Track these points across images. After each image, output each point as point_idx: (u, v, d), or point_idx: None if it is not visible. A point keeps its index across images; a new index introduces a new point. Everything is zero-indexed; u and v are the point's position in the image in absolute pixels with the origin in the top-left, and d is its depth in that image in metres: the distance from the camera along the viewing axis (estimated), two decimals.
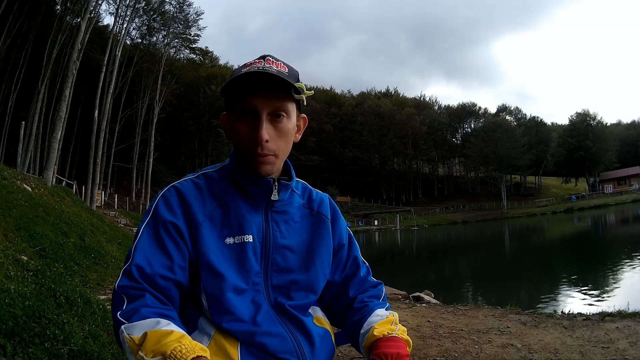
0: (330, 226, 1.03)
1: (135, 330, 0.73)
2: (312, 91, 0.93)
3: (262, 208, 0.93)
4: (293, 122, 0.92)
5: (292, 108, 0.91)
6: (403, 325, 0.94)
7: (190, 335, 0.82)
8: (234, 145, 0.92)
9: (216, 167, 0.99)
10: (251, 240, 0.89)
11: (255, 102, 0.86)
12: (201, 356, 0.69)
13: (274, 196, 0.92)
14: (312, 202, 1.04)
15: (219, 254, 0.87)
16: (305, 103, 0.93)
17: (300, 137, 0.99)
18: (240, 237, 0.89)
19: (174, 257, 0.84)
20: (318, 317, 0.98)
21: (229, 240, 0.88)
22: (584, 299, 7.50)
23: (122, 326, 0.75)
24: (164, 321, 0.75)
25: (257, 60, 0.89)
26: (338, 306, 1.04)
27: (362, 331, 0.94)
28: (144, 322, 0.74)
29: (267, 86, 0.86)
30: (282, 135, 0.90)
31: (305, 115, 1.00)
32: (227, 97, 0.91)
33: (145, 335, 0.72)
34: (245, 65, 0.89)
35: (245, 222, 0.90)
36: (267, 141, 0.86)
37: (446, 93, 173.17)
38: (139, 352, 0.71)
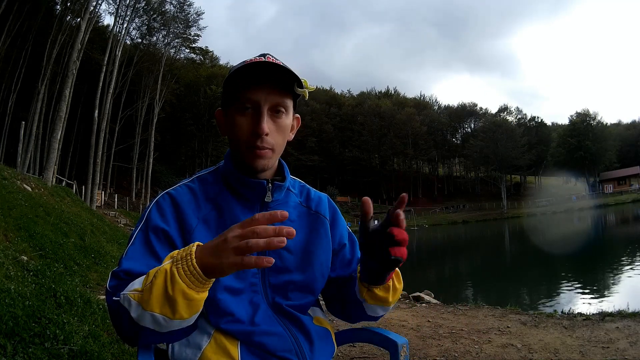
0: (330, 227, 1.02)
1: (135, 284, 0.74)
2: (315, 87, 0.93)
3: (257, 209, 0.93)
4: (290, 119, 0.93)
5: (290, 105, 0.91)
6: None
7: (190, 334, 0.82)
8: (230, 140, 0.92)
9: (211, 169, 0.99)
10: None
11: (257, 95, 0.86)
12: (199, 244, 0.71)
13: (268, 198, 0.92)
14: (310, 201, 1.03)
15: None
16: (307, 98, 0.93)
17: (293, 136, 0.98)
18: None
19: (162, 259, 0.83)
20: (318, 318, 0.98)
21: None
22: (584, 299, 7.50)
23: (120, 293, 0.75)
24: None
25: (257, 58, 0.89)
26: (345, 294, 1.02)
27: (357, 283, 0.95)
28: (140, 278, 0.75)
29: (270, 79, 0.86)
30: (280, 131, 0.90)
31: (298, 115, 0.99)
32: (226, 91, 0.91)
33: (147, 274, 0.73)
34: (245, 62, 0.89)
35: None
36: (267, 134, 0.87)
37: (467, 87, 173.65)
38: (145, 283, 0.72)
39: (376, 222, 0.80)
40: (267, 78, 0.86)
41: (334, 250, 1.01)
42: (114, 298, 0.77)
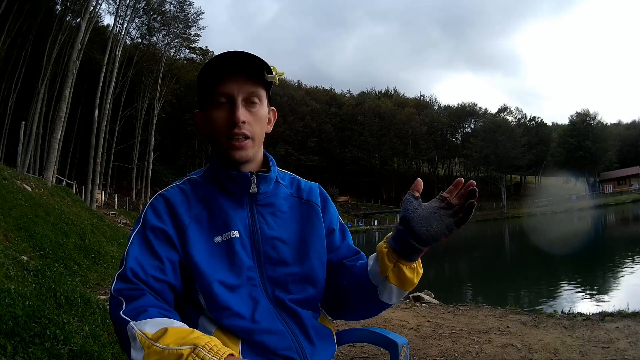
0: (321, 213, 1.03)
1: (147, 326, 0.74)
2: (284, 72, 0.94)
3: (247, 203, 0.94)
4: (265, 109, 0.95)
5: (264, 95, 0.94)
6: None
7: None
8: (210, 136, 0.93)
9: (200, 171, 1.01)
10: (238, 236, 0.90)
11: (229, 87, 0.89)
12: (233, 354, 0.70)
13: (253, 189, 0.93)
14: (301, 190, 1.04)
15: (207, 254, 0.88)
16: (277, 84, 0.95)
17: (271, 129, 1.00)
18: (227, 234, 0.90)
19: (164, 259, 0.86)
20: (320, 316, 0.98)
21: (217, 239, 0.90)
22: (584, 299, 7.49)
23: (132, 322, 0.75)
24: (178, 322, 0.76)
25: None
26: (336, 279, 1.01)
27: (370, 264, 0.92)
28: (156, 319, 0.75)
29: (240, 70, 0.89)
30: (257, 121, 0.92)
31: (274, 108, 1.01)
32: (200, 90, 0.94)
33: (165, 330, 0.72)
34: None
35: (230, 219, 0.91)
36: (243, 122, 0.89)
37: (468, 87, 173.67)
38: (156, 343, 0.70)
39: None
40: (238, 69, 0.88)
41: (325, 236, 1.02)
42: (122, 314, 0.77)
